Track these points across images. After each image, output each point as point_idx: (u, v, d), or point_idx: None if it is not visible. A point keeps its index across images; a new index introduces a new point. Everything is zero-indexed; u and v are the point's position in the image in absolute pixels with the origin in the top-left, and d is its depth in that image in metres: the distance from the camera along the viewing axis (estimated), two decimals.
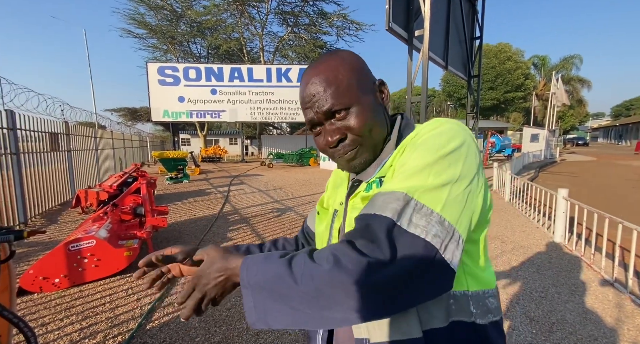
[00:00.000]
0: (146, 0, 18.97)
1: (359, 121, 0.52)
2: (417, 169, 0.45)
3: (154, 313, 2.19)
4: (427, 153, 0.46)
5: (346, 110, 0.52)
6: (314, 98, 0.52)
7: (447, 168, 0.45)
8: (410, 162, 0.46)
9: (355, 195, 0.56)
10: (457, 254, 0.42)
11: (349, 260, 0.39)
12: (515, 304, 2.26)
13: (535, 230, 4.12)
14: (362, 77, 0.54)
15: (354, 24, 20.62)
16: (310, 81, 0.53)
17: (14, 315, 0.89)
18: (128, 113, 31.45)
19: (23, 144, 4.74)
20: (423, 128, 0.52)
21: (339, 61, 0.53)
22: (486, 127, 26.08)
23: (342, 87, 0.51)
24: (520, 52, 35.12)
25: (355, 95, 0.52)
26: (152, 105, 15.60)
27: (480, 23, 7.83)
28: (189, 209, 5.52)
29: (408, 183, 0.44)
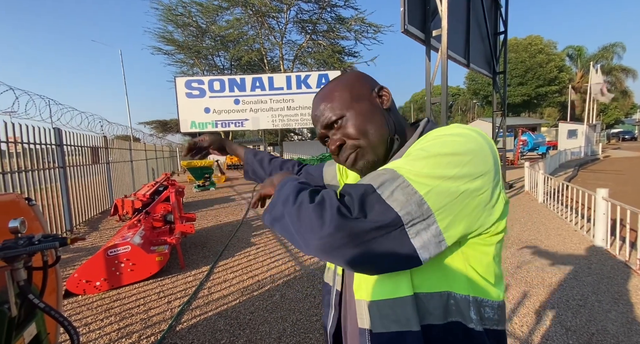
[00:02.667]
0: (174, 19, 20.28)
1: (353, 126, 0.56)
2: (416, 158, 0.47)
3: (183, 315, 2.31)
4: (431, 148, 0.48)
5: (341, 119, 0.57)
6: (317, 117, 0.61)
7: (445, 165, 0.46)
8: (413, 152, 0.49)
9: None
10: (425, 237, 0.44)
11: (329, 203, 0.45)
12: (549, 313, 2.12)
13: (573, 234, 3.83)
14: (355, 89, 0.59)
15: (372, 26, 20.57)
16: (314, 105, 0.62)
17: (60, 315, 1.00)
18: (159, 126, 33.44)
19: (68, 158, 5.23)
20: (440, 130, 0.53)
21: (336, 83, 0.61)
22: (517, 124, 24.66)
23: (335, 101, 0.58)
24: (552, 43, 33.06)
25: (347, 105, 0.57)
26: (181, 116, 16.49)
27: (504, 17, 7.50)
28: (215, 215, 5.75)
29: (403, 164, 0.47)
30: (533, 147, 16.58)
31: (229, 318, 2.26)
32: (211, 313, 2.34)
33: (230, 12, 20.14)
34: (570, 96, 24.80)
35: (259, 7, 18.97)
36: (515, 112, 35.44)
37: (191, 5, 20.08)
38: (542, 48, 31.83)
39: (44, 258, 1.04)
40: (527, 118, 34.04)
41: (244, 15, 19.75)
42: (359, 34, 21.02)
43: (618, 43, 30.84)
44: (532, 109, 36.72)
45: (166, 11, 20.06)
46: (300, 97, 16.60)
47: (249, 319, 2.25)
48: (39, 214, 1.27)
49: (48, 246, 0.96)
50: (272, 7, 19.27)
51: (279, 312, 2.30)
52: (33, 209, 1.25)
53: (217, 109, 16.52)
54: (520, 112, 36.22)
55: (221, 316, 2.28)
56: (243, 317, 2.27)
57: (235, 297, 2.55)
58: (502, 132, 7.63)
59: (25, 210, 1.21)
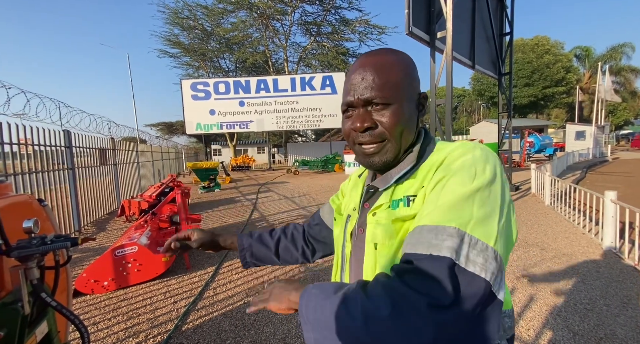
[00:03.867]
0: (180, 22, 20.55)
1: (394, 119, 0.53)
2: (460, 198, 0.43)
3: (188, 315, 2.33)
4: (466, 181, 0.45)
5: (385, 105, 0.53)
6: (361, 83, 0.53)
7: (488, 197, 0.44)
8: (450, 190, 0.45)
9: (377, 207, 0.56)
10: (502, 287, 0.42)
11: (409, 304, 0.37)
12: (557, 317, 2.10)
13: (581, 237, 3.77)
14: (410, 83, 0.55)
15: (376, 28, 20.62)
16: (363, 66, 0.54)
17: (72, 313, 1.02)
18: (165, 128, 33.83)
19: (77, 159, 5.32)
20: (453, 151, 0.51)
21: (397, 60, 0.55)
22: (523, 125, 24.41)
23: (390, 83, 0.53)
24: (559, 44, 32.73)
25: (398, 96, 0.53)
26: (186, 118, 16.68)
27: (510, 18, 7.46)
28: (220, 216, 5.79)
29: (455, 215, 0.42)
30: (540, 149, 16.40)
31: (234, 318, 2.28)
32: (216, 313, 2.36)
33: (235, 14, 20.32)
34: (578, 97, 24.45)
35: (264, 10, 19.13)
36: (521, 113, 35.07)
37: (197, 9, 20.35)
38: (549, 48, 31.52)
39: (55, 258, 1.06)
40: (534, 119, 33.67)
41: (249, 18, 19.92)
42: (363, 36, 21.08)
43: (627, 43, 30.40)
44: (539, 110, 36.31)
45: (172, 15, 20.33)
46: (305, 98, 16.67)
47: (254, 320, 2.26)
48: (51, 214, 1.30)
49: (60, 246, 0.98)
50: (276, 10, 19.41)
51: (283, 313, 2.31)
52: (45, 209, 1.28)
53: (222, 111, 16.67)
54: (527, 113, 35.84)
55: (226, 317, 2.30)
56: (248, 318, 2.28)
57: (240, 298, 2.57)
58: (508, 134, 7.56)
59: (38, 210, 1.24)
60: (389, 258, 0.52)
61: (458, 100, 54.84)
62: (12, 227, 1.00)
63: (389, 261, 0.52)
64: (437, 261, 0.40)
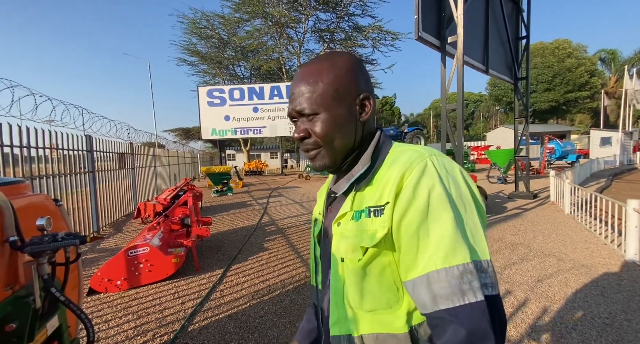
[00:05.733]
0: (198, 32, 21.35)
1: (322, 128, 0.54)
2: (453, 228, 0.45)
3: (195, 316, 2.37)
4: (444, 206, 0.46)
5: (315, 115, 0.54)
6: (293, 96, 0.56)
7: (466, 210, 0.48)
8: (436, 220, 0.46)
9: (341, 216, 0.56)
10: None
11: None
12: (572, 331, 1.99)
13: (602, 247, 3.58)
14: (343, 86, 0.54)
15: (389, 34, 20.64)
16: (297, 78, 0.56)
17: (78, 308, 1.07)
18: (182, 133, 34.90)
19: (97, 163, 5.58)
20: (409, 169, 0.49)
21: (327, 66, 0.55)
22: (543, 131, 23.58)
23: (317, 94, 0.54)
24: (582, 47, 31.61)
25: (326, 104, 0.53)
26: (202, 124, 17.18)
27: (526, 22, 7.30)
28: (231, 220, 5.88)
29: (462, 250, 0.44)
30: (561, 155, 15.73)
31: (238, 320, 2.30)
32: (222, 315, 2.39)
33: (250, 23, 20.90)
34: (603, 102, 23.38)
35: (278, 18, 19.57)
36: (541, 118, 33.89)
37: (214, 18, 21.07)
38: (571, 52, 30.47)
39: (66, 255, 1.13)
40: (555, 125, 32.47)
41: (264, 26, 20.43)
42: (376, 42, 21.11)
43: None
44: (561, 115, 34.99)
45: (191, 24, 21.14)
46: None
47: (258, 322, 2.27)
48: (65, 214, 1.38)
49: (69, 243, 1.04)
50: (291, 18, 19.82)
51: (287, 317, 2.31)
52: (60, 209, 1.36)
53: (236, 117, 17.08)
54: (548, 119, 34.59)
55: (231, 319, 2.33)
56: (252, 320, 2.30)
57: (245, 300, 2.59)
58: (525, 139, 7.33)
59: (53, 210, 1.31)
60: (356, 274, 0.52)
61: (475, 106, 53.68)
62: (28, 225, 1.07)
63: (356, 277, 0.53)
64: (476, 308, 0.43)
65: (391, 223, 0.49)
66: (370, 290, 0.52)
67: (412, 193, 0.48)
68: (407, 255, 0.48)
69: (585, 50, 31.72)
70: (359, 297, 0.53)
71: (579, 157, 16.18)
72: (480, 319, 0.42)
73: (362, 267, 0.52)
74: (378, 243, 0.50)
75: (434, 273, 0.44)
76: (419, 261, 0.46)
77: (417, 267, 0.46)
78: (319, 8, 19.88)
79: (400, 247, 0.49)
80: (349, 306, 0.55)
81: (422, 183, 0.48)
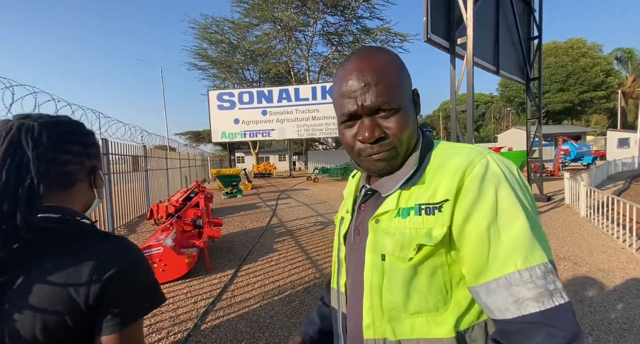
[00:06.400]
0: (208, 37, 21.80)
1: (403, 126, 0.50)
2: (528, 227, 0.43)
3: (207, 316, 2.42)
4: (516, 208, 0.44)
5: (391, 111, 0.49)
6: (363, 89, 0.48)
7: (532, 208, 0.46)
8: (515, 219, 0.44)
9: (381, 214, 0.52)
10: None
11: None
12: (588, 335, 1.95)
13: (620, 251, 3.48)
14: (408, 83, 0.53)
15: (398, 36, 20.61)
16: (358, 70, 0.49)
17: None
18: (193, 136, 35.50)
19: (112, 166, 5.74)
20: (471, 165, 0.47)
21: (390, 59, 0.51)
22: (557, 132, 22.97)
23: (395, 87, 0.49)
24: (597, 46, 30.79)
25: (403, 99, 0.50)
26: (212, 127, 17.47)
27: (538, 22, 7.19)
28: (241, 221, 5.96)
29: (541, 249, 0.43)
30: (577, 157, 15.32)
31: (249, 320, 2.34)
32: (233, 314, 2.43)
33: (259, 28, 21.21)
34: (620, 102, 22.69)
35: (287, 22, 19.79)
36: (555, 119, 33.09)
37: (224, 24, 21.48)
38: (586, 51, 29.71)
39: None
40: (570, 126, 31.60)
41: (273, 30, 20.70)
42: (384, 44, 21.09)
43: None
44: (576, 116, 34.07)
45: (202, 30, 21.60)
46: (325, 107, 16.89)
47: (269, 322, 2.30)
48: None
49: None
50: (299, 22, 20.02)
51: (297, 318, 2.33)
52: None
53: (245, 120, 17.31)
54: (562, 120, 33.74)
55: (242, 318, 2.36)
56: (263, 320, 2.33)
57: (256, 301, 2.63)
58: (538, 141, 7.18)
59: None
60: (404, 273, 0.48)
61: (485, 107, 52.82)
62: None
63: (403, 276, 0.48)
64: (567, 310, 0.40)
65: (451, 222, 0.46)
66: (419, 291, 0.48)
67: (477, 191, 0.45)
68: (475, 257, 0.44)
69: (600, 49, 30.90)
70: (403, 298, 0.49)
71: (595, 158, 15.71)
72: (573, 321, 0.40)
73: (412, 266, 0.48)
74: (438, 243, 0.46)
75: (515, 274, 0.41)
76: (492, 263, 0.43)
77: (490, 270, 0.43)
78: (327, 11, 20.03)
79: (464, 248, 0.46)
80: (386, 308, 0.50)
81: (487, 181, 0.45)
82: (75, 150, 0.55)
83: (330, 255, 3.71)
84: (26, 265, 0.46)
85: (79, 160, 0.56)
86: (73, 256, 0.47)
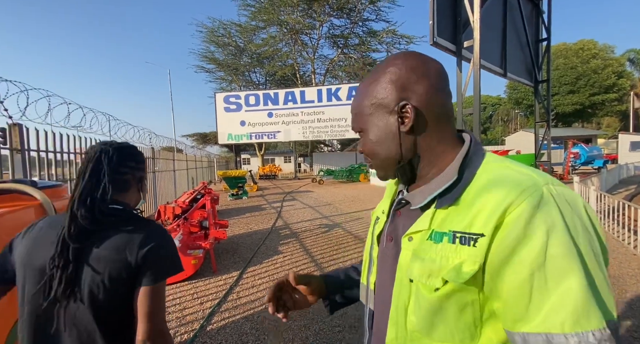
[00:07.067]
0: (216, 40, 22.10)
1: (365, 144, 0.56)
2: (585, 284, 0.36)
3: (213, 317, 2.44)
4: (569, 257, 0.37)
5: (361, 132, 0.57)
6: (351, 114, 0.59)
7: (597, 260, 0.39)
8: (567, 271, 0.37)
9: (414, 232, 0.49)
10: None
11: None
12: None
13: (632, 258, 3.40)
14: (380, 95, 0.52)
15: (404, 38, 20.58)
16: (354, 95, 0.58)
17: None
18: (200, 138, 35.85)
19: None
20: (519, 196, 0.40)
21: (371, 80, 0.54)
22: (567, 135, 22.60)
23: (360, 113, 0.55)
24: (608, 47, 30.31)
25: (365, 119, 0.55)
26: (219, 129, 17.65)
27: (547, 24, 7.11)
28: (246, 223, 6.00)
29: (597, 313, 0.36)
30: (587, 160, 15.04)
31: (255, 322, 2.35)
32: (239, 316, 2.45)
33: (266, 31, 21.42)
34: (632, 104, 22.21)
35: (293, 25, 19.95)
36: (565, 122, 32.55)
37: (231, 27, 21.76)
38: (597, 53, 29.24)
39: None
40: (580, 128, 31.06)
41: (279, 33, 20.88)
42: (390, 46, 21.10)
43: None
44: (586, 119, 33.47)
45: (209, 33, 21.91)
46: (331, 109, 16.92)
47: (274, 325, 2.31)
48: None
49: None
50: (305, 25, 20.16)
51: (302, 320, 2.34)
52: None
53: (251, 122, 17.44)
54: (572, 122, 33.18)
55: (248, 320, 2.38)
56: (268, 323, 2.34)
57: (261, 303, 2.65)
58: (547, 144, 7.08)
59: None
60: (429, 303, 0.45)
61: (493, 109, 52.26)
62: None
63: (428, 306, 0.45)
64: None
65: (484, 259, 0.41)
66: (445, 323, 0.45)
67: (522, 231, 0.39)
68: (514, 303, 0.40)
69: (612, 50, 30.39)
70: (427, 325, 0.46)
71: (606, 162, 15.40)
72: None
73: (438, 299, 0.44)
74: (467, 280, 0.41)
75: (561, 337, 0.36)
76: (533, 313, 0.38)
77: (531, 320, 0.38)
78: (333, 14, 20.13)
79: (501, 291, 0.41)
80: (410, 329, 0.48)
81: (537, 220, 0.39)
82: (131, 165, 0.82)
83: (335, 259, 3.72)
84: (98, 235, 0.72)
85: (132, 172, 0.82)
86: (129, 232, 0.73)
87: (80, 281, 0.69)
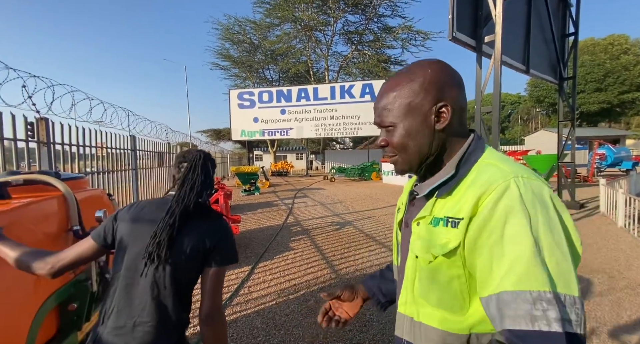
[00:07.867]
0: (230, 37, 22.32)
1: (396, 138, 0.59)
2: (531, 254, 0.43)
3: (225, 310, 2.47)
4: (526, 232, 0.45)
5: (391, 126, 0.60)
6: (376, 109, 0.63)
7: (553, 239, 0.45)
8: (515, 244, 0.45)
9: (421, 217, 0.59)
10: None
11: None
12: None
13: None
14: (418, 98, 0.57)
15: (420, 34, 20.12)
16: (381, 92, 0.62)
17: None
18: (214, 134, 36.50)
19: (139, 161, 6.01)
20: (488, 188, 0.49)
21: (405, 80, 0.58)
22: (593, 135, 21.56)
23: (393, 109, 0.59)
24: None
25: (400, 116, 0.58)
26: (233, 126, 17.88)
27: (575, 18, 6.76)
28: (258, 219, 6.06)
29: (539, 277, 0.43)
30: (614, 162, 14.27)
31: (265, 317, 2.37)
32: (250, 311, 2.47)
33: (280, 28, 21.43)
34: None
35: (307, 22, 19.86)
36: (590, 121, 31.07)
37: (246, 24, 21.90)
38: (628, 48, 27.72)
39: None
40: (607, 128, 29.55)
41: (293, 30, 20.85)
42: (406, 42, 20.69)
43: None
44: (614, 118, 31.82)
45: (224, 30, 22.13)
46: (344, 106, 16.80)
47: (284, 320, 2.32)
48: (116, 207, 1.52)
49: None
50: (319, 21, 20.04)
51: (312, 317, 2.33)
52: (112, 203, 1.49)
53: (264, 119, 17.56)
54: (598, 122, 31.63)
55: (259, 315, 2.40)
56: (279, 318, 2.35)
57: (272, 298, 2.66)
58: (571, 144, 6.76)
59: (107, 202, 1.45)
60: (426, 273, 0.57)
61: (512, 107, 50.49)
62: (88, 216, 1.19)
63: (426, 276, 0.58)
64: (550, 339, 0.41)
65: (463, 238, 0.51)
66: (438, 291, 0.56)
67: (488, 214, 0.48)
68: (482, 272, 0.49)
69: None
70: (426, 292, 0.58)
71: (635, 164, 14.56)
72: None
73: (432, 270, 0.56)
74: (447, 253, 0.52)
75: (505, 293, 0.45)
76: (492, 280, 0.47)
77: (490, 286, 0.47)
78: (348, 10, 19.90)
79: (475, 265, 0.51)
80: (415, 295, 0.60)
81: (500, 205, 0.48)
82: (213, 167, 1.00)
83: (347, 257, 3.70)
84: (188, 220, 0.89)
85: (213, 173, 1.00)
86: (208, 220, 0.94)
87: (173, 250, 0.86)
